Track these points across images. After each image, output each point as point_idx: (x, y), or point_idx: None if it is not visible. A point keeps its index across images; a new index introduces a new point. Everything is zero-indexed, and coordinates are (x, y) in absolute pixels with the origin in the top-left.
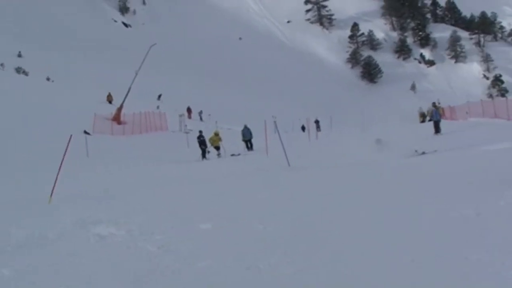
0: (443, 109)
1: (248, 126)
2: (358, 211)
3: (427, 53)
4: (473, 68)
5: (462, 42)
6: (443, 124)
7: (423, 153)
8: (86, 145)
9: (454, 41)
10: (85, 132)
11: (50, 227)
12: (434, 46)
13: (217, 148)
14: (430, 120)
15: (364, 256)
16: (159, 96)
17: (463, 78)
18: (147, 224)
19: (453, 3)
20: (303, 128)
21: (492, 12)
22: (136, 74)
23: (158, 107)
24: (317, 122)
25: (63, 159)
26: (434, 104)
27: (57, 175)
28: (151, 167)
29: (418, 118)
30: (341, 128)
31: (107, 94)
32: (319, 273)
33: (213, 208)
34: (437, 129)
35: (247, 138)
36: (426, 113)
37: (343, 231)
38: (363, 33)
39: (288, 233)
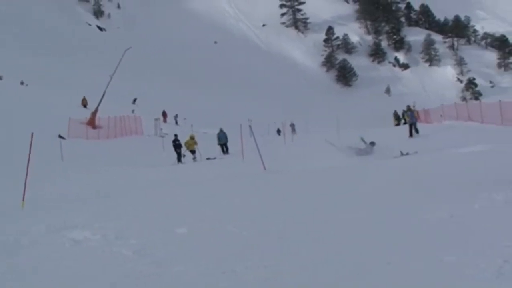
0: (417, 112)
1: (224, 129)
2: (334, 215)
3: (401, 56)
4: (447, 72)
5: (436, 46)
6: (417, 126)
7: (407, 154)
8: (60, 150)
9: (428, 44)
10: (60, 136)
11: (23, 233)
12: (409, 49)
13: (193, 152)
14: (405, 123)
15: (338, 260)
16: (134, 100)
17: (437, 81)
18: (122, 228)
19: (427, 7)
20: (278, 132)
21: (466, 16)
22: (111, 78)
23: (133, 111)
24: (292, 125)
25: (28, 162)
26: (409, 107)
27: (26, 179)
28: (126, 171)
29: (392, 122)
30: (316, 131)
31: (82, 98)
32: (295, 277)
33: (189, 213)
34: (411, 132)
35: (223, 142)
36: (401, 116)
37: (318, 234)
38: (338, 37)
39: (264, 237)
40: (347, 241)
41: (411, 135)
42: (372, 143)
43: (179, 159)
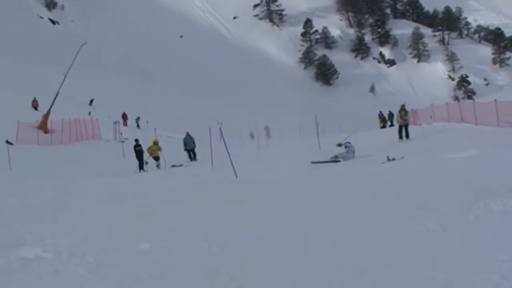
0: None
1: (191, 134)
2: (312, 233)
3: (387, 52)
4: (437, 68)
5: (425, 40)
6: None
7: (393, 159)
8: (8, 157)
9: (416, 38)
10: (7, 142)
11: None
12: (395, 44)
13: (157, 158)
14: (391, 125)
15: (319, 277)
16: (91, 101)
17: (426, 78)
18: (78, 244)
19: None
20: (252, 136)
21: (457, 7)
22: (65, 76)
23: (90, 113)
24: (267, 128)
25: None
26: (403, 106)
27: None
28: (82, 181)
29: (378, 124)
30: (294, 135)
31: (32, 99)
32: None
33: (152, 226)
34: (401, 134)
35: (190, 148)
36: (387, 117)
37: (294, 251)
38: (316, 30)
39: (234, 253)
40: (330, 256)
41: (401, 137)
42: (349, 145)
43: (141, 167)
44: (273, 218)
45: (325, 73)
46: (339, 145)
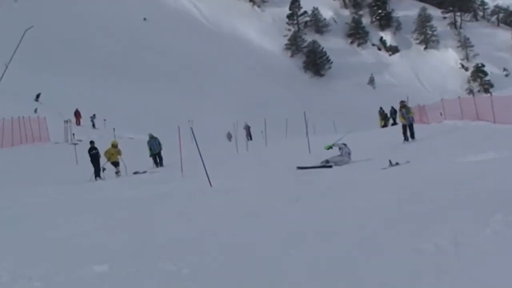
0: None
1: (156, 135)
2: (296, 254)
3: (388, 37)
4: (448, 56)
5: (434, 23)
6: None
7: (397, 164)
8: None
9: (423, 21)
10: None
11: None
12: (398, 28)
13: (116, 164)
14: (394, 124)
15: None
16: (38, 96)
17: (435, 68)
18: (22, 266)
19: None
20: (229, 137)
21: None
22: (6, 67)
23: (36, 110)
24: (247, 128)
25: None
26: (404, 103)
27: None
28: (27, 190)
29: (378, 122)
30: (279, 135)
31: None
32: None
33: (112, 245)
34: (406, 135)
35: (156, 152)
36: (389, 114)
37: (279, 272)
38: (305, 12)
39: (208, 276)
40: (329, 280)
41: (406, 139)
42: (343, 146)
43: (97, 174)
44: (248, 242)
45: (316, 63)
46: (329, 147)
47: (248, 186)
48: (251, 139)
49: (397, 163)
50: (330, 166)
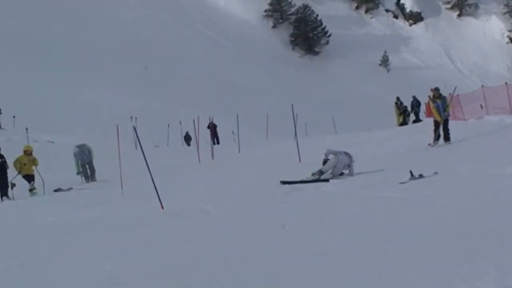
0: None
1: (85, 140)
2: None
3: (408, 0)
4: (491, 26)
5: None
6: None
7: (420, 176)
8: None
9: None
10: None
11: None
12: None
13: (30, 178)
14: (417, 120)
15: None
16: None
17: (473, 43)
18: None
19: None
20: (187, 139)
21: None
22: None
23: None
24: (213, 127)
25: None
26: (438, 91)
27: None
28: None
29: (395, 118)
30: (258, 136)
31: None
32: None
33: None
34: (438, 136)
35: (85, 162)
36: (410, 107)
37: None
38: None
39: None
40: None
41: (436, 139)
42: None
43: (3, 193)
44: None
45: (307, 36)
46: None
47: (214, 209)
48: (217, 142)
49: (421, 176)
50: (327, 180)
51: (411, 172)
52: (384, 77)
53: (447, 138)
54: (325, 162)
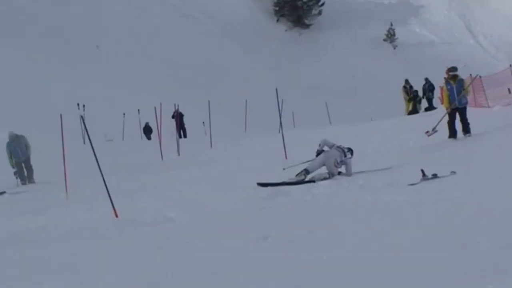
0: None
1: (21, 131)
2: None
3: None
4: None
5: None
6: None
7: (435, 176)
8: None
9: None
10: None
11: None
12: None
13: None
14: (430, 108)
15: None
16: None
17: (499, 14)
18: None
19: None
20: (147, 131)
21: None
22: None
23: None
24: (179, 116)
25: None
26: (455, 71)
27: None
28: None
29: (403, 105)
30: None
31: None
32: None
33: None
34: (454, 128)
35: (21, 159)
36: (423, 92)
37: None
38: None
39: None
40: None
41: (453, 134)
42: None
43: None
44: None
45: (295, 5)
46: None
47: (180, 216)
48: (184, 135)
49: (435, 176)
50: (313, 181)
51: (422, 171)
52: (389, 55)
53: (466, 129)
54: (318, 154)
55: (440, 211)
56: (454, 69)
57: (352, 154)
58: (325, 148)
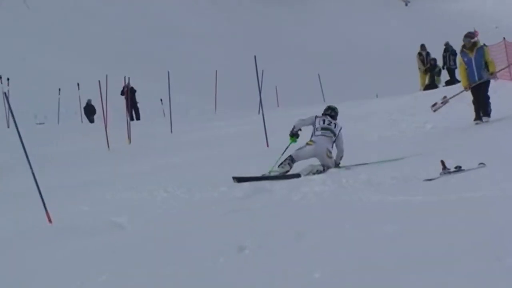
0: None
1: None
2: None
3: None
4: None
5: None
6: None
7: (459, 169)
8: None
9: None
10: None
11: None
12: None
13: None
14: (452, 81)
15: None
16: None
17: None
18: None
19: None
20: (89, 112)
21: None
22: None
23: None
24: (130, 92)
25: None
26: (472, 38)
27: None
28: None
29: (419, 77)
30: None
31: None
32: None
33: None
34: (481, 107)
35: None
36: (443, 62)
37: None
38: None
39: None
40: None
41: (478, 116)
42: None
43: None
44: None
45: None
46: (293, 140)
47: (131, 222)
48: (137, 117)
49: (458, 168)
50: (298, 176)
51: (443, 162)
52: (400, 13)
53: (485, 110)
54: (293, 135)
55: (466, 215)
56: (470, 35)
57: (336, 119)
58: (303, 127)
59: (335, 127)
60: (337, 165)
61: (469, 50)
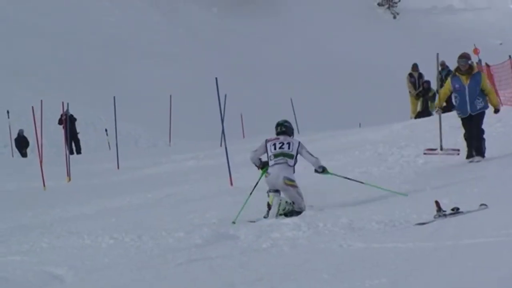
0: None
1: None
2: None
3: None
4: None
5: None
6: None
7: (457, 211)
8: None
9: None
10: None
11: None
12: None
13: None
14: (447, 109)
15: None
16: None
17: None
18: None
19: None
20: (20, 145)
21: None
22: None
23: None
24: (69, 121)
25: None
26: (465, 59)
27: None
28: None
29: (409, 102)
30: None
31: None
32: None
33: None
34: (473, 144)
35: None
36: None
37: None
38: None
39: None
40: None
41: (471, 153)
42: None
43: None
44: None
45: None
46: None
47: (72, 275)
48: (78, 150)
49: (456, 210)
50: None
51: (437, 203)
52: (388, 27)
53: (478, 148)
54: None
55: (465, 267)
56: (465, 58)
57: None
58: (263, 157)
59: (289, 147)
60: (322, 171)
61: (463, 75)
